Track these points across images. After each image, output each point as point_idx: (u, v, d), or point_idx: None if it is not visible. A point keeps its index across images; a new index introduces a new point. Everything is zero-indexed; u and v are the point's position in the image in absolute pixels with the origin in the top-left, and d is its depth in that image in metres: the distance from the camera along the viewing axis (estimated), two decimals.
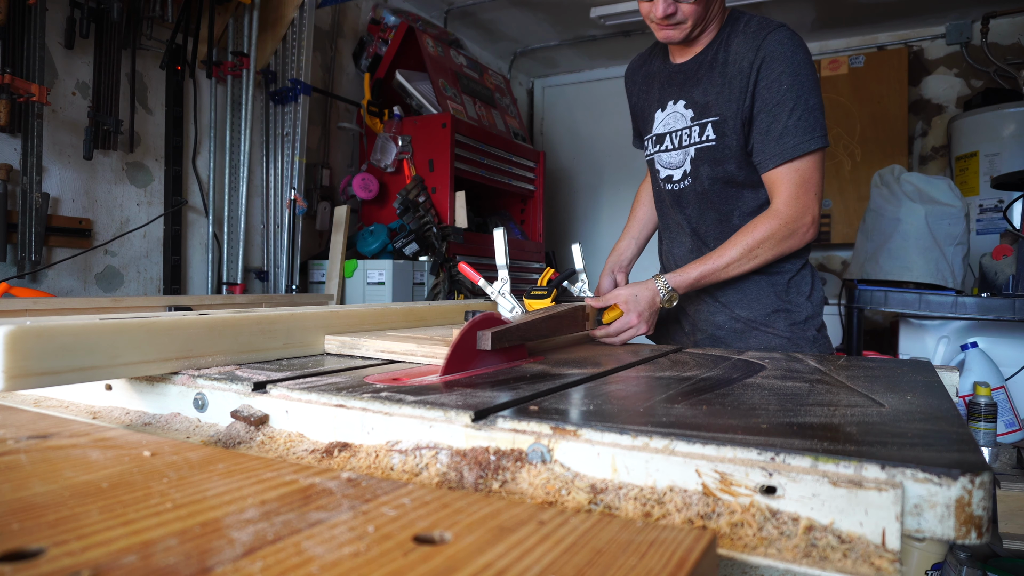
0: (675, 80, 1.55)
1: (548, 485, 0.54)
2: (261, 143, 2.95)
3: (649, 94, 1.63)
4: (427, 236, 2.99)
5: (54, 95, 2.20)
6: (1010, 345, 2.75)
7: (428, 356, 0.94)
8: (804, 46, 1.40)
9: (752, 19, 1.45)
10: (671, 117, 1.55)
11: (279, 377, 0.80)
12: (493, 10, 4.04)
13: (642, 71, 1.69)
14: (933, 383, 0.87)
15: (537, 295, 1.35)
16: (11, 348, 0.65)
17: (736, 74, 1.42)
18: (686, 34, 1.44)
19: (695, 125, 1.49)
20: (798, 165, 1.39)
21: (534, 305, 1.33)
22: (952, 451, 0.51)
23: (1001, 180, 2.77)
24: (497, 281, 1.16)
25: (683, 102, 1.52)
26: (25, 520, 0.36)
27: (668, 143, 1.56)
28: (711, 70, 1.47)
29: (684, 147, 1.52)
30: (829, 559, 0.44)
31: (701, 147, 1.49)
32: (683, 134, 1.52)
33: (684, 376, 0.90)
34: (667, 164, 1.57)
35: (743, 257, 1.39)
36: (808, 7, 3.86)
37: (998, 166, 3.38)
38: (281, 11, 2.82)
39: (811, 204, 1.40)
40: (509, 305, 1.16)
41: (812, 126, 1.38)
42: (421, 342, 0.97)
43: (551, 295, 1.35)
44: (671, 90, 1.56)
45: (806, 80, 1.38)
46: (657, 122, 1.59)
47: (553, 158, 5.13)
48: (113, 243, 2.40)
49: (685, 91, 1.52)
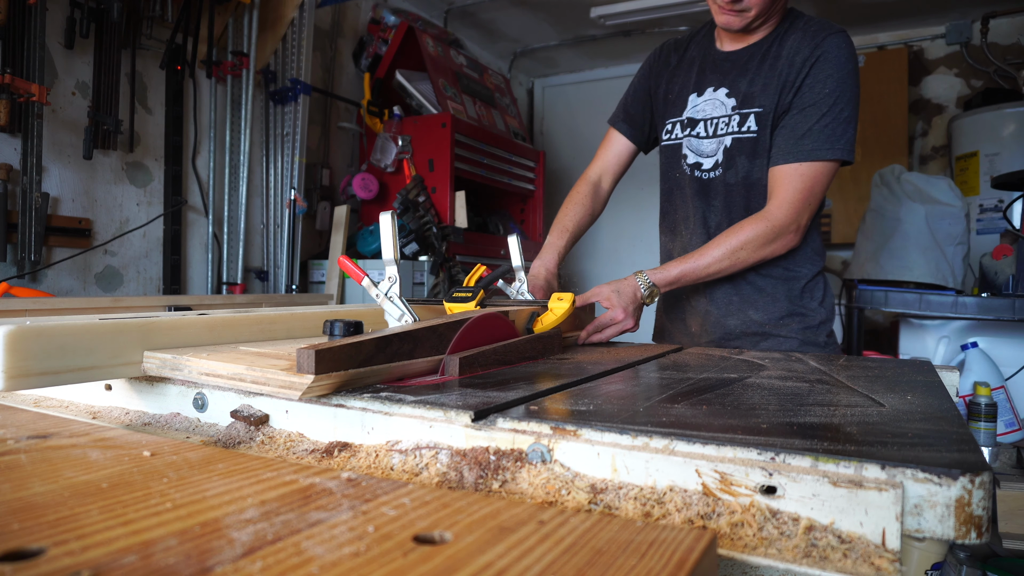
0: (720, 67, 1.51)
1: (548, 485, 0.54)
2: (261, 143, 2.95)
3: (685, 77, 1.58)
4: (427, 236, 2.99)
5: (54, 95, 2.20)
6: (1010, 345, 2.75)
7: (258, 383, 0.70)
8: (856, 58, 1.39)
9: (813, 19, 1.44)
10: (708, 104, 1.51)
11: None
12: (493, 10, 4.04)
13: (677, 55, 1.63)
14: (933, 383, 0.87)
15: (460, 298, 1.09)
16: (11, 348, 0.65)
17: (786, 67, 1.40)
18: (747, 23, 1.41)
19: (735, 114, 1.46)
20: (806, 170, 1.36)
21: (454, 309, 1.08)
22: (952, 451, 0.51)
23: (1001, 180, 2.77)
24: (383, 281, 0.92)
25: (725, 90, 1.48)
26: (25, 520, 0.36)
27: (702, 129, 1.51)
28: (762, 62, 1.44)
29: (720, 135, 1.48)
30: (829, 559, 0.44)
31: (740, 137, 1.45)
32: (720, 122, 1.48)
33: (684, 376, 0.90)
34: (696, 150, 1.53)
35: (725, 258, 1.37)
36: (808, 7, 3.86)
37: (998, 166, 3.38)
38: (281, 11, 2.81)
39: (803, 214, 1.38)
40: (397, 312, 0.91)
41: (837, 136, 1.35)
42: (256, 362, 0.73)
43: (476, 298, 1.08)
44: (713, 76, 1.51)
45: (848, 91, 1.36)
46: (690, 106, 1.54)
47: (553, 158, 5.13)
48: (113, 243, 2.40)
49: (730, 79, 1.48)
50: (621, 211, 4.71)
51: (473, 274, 1.29)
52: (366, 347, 0.75)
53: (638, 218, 4.72)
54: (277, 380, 0.68)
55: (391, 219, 0.90)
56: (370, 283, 0.92)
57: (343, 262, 0.97)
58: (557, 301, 1.14)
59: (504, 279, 1.32)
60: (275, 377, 0.69)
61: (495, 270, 1.29)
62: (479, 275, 1.29)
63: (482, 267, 1.31)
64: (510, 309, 1.08)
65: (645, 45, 4.54)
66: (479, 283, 1.25)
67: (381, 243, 0.93)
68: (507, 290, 1.32)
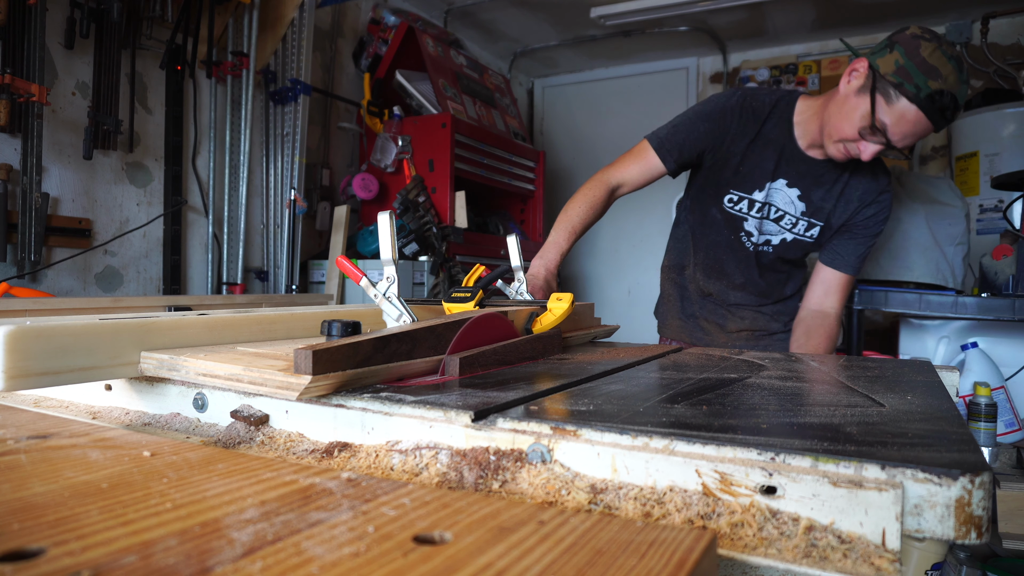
0: (798, 167, 1.66)
1: (548, 485, 0.54)
2: (261, 143, 2.95)
3: (761, 158, 1.66)
4: (427, 236, 2.99)
5: (54, 95, 2.20)
6: (1010, 345, 2.75)
7: (255, 383, 0.70)
8: None
9: (879, 162, 1.67)
10: (779, 195, 1.69)
11: None
12: (493, 10, 4.04)
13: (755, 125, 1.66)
14: (933, 383, 0.87)
15: (459, 298, 1.09)
16: (11, 348, 0.65)
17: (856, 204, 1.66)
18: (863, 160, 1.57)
19: (803, 220, 1.69)
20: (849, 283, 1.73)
21: (453, 309, 1.08)
22: (952, 451, 0.51)
23: (1001, 180, 2.77)
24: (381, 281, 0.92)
25: (798, 191, 1.68)
26: (25, 520, 0.36)
27: (770, 214, 1.71)
28: (835, 182, 1.65)
29: (785, 230, 1.72)
30: (829, 559, 0.44)
31: (800, 238, 1.72)
32: (788, 219, 1.70)
33: (684, 376, 0.90)
34: (757, 228, 1.73)
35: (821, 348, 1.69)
36: (808, 7, 3.86)
37: (998, 166, 3.38)
38: (281, 11, 2.81)
39: None
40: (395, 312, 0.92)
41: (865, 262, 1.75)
42: (253, 362, 0.73)
43: (475, 298, 1.08)
44: (790, 172, 1.67)
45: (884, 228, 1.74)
46: (762, 190, 1.69)
47: (553, 158, 5.13)
48: (113, 243, 2.40)
49: (805, 183, 1.66)
50: (622, 212, 4.71)
51: (472, 274, 1.28)
52: (364, 347, 0.74)
53: (638, 219, 4.72)
54: (274, 380, 0.68)
55: (389, 219, 0.89)
56: (368, 283, 0.92)
57: (341, 262, 0.97)
58: (556, 301, 1.13)
59: (503, 279, 1.31)
60: (272, 378, 0.68)
61: (494, 270, 1.28)
62: (478, 275, 1.28)
63: (481, 267, 1.29)
64: (509, 309, 1.07)
65: (645, 45, 4.54)
66: (478, 283, 1.24)
67: (379, 243, 0.92)
68: (506, 290, 1.31)
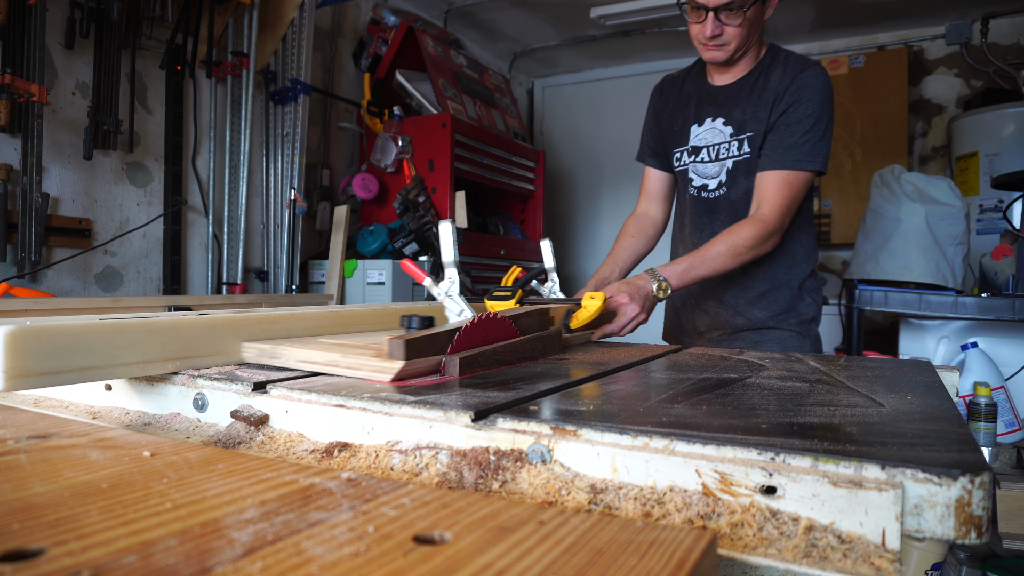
0: (715, 100, 1.70)
1: (548, 485, 0.54)
2: (261, 143, 2.95)
3: (685, 110, 1.76)
4: (427, 236, 2.99)
5: (54, 95, 2.20)
6: (1010, 345, 2.75)
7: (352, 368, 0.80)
8: (831, 86, 1.59)
9: (792, 55, 1.64)
10: (708, 132, 1.69)
11: (279, 377, 0.80)
12: (493, 10, 4.04)
13: (675, 90, 1.81)
14: (933, 383, 0.87)
15: (500, 296, 1.21)
16: (11, 348, 0.65)
17: (772, 95, 1.59)
18: (729, 55, 1.60)
19: (734, 140, 1.65)
20: (792, 179, 1.54)
21: (496, 307, 1.18)
22: (952, 451, 0.51)
23: (1001, 180, 2.77)
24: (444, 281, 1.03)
25: (722, 119, 1.67)
26: (25, 520, 0.36)
27: (705, 155, 1.70)
28: (751, 93, 1.63)
29: (722, 159, 1.68)
30: (829, 559, 0.44)
31: (738, 159, 1.65)
32: (721, 148, 1.67)
33: (684, 376, 0.90)
34: (702, 174, 1.71)
35: (727, 255, 1.50)
36: (808, 7, 3.86)
37: (998, 166, 3.38)
38: (281, 11, 2.81)
39: (787, 218, 1.57)
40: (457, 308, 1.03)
41: (816, 151, 1.55)
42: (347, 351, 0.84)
43: (515, 296, 1.20)
44: (710, 108, 1.70)
45: (826, 113, 1.56)
46: (693, 135, 1.72)
47: (553, 158, 5.13)
48: (113, 243, 2.40)
49: (725, 110, 1.67)
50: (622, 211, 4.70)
51: (510, 275, 1.40)
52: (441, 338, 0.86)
53: None
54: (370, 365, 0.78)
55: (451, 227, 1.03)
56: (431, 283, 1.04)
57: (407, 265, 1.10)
58: (589, 299, 1.28)
59: (538, 280, 1.43)
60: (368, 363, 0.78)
61: (529, 271, 1.39)
62: (515, 276, 1.40)
63: (517, 268, 1.41)
64: (550, 306, 1.19)
65: (645, 45, 4.54)
66: (516, 283, 1.37)
67: (441, 248, 1.05)
68: (540, 290, 1.43)
